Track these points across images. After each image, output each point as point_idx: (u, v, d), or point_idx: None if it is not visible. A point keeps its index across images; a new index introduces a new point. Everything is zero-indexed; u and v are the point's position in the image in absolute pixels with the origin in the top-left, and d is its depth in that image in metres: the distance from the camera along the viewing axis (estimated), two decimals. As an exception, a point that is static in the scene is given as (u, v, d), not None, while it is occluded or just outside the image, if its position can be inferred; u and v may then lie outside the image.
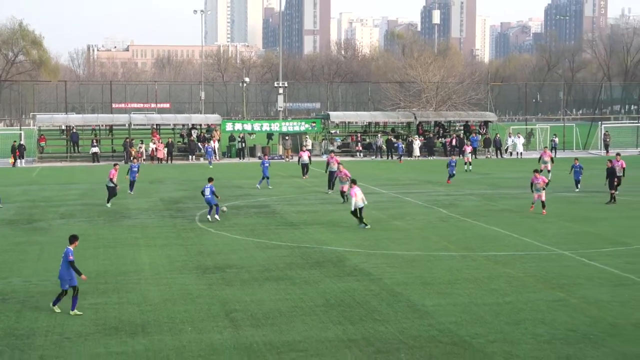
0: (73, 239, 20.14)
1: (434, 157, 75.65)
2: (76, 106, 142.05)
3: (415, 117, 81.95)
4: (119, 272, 24.01)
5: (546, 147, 65.78)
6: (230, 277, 23.50)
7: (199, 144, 75.57)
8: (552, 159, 51.14)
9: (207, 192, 34.59)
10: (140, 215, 36.96)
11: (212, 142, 74.12)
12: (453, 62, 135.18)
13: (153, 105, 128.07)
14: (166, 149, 71.71)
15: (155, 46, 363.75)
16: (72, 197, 44.72)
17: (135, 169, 45.78)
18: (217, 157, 73.47)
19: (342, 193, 40.16)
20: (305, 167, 53.76)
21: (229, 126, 78.56)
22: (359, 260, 25.79)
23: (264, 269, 24.65)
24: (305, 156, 54.11)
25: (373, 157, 76.51)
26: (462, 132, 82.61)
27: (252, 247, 28.36)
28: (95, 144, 73.40)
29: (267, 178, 47.50)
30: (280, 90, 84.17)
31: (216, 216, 34.59)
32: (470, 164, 59.28)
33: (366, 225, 32.33)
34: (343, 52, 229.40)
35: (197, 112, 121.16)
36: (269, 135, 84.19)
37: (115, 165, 41.54)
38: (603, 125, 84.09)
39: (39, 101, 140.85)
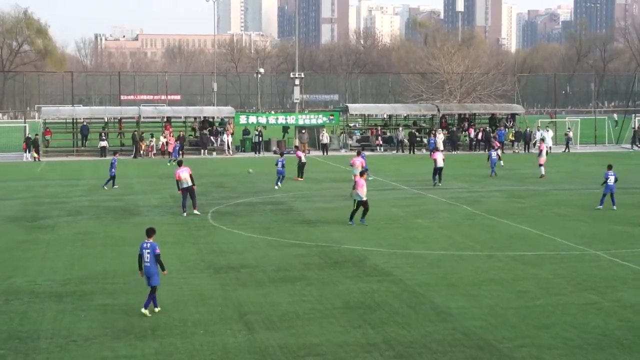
0: (151, 231, 19.94)
1: (458, 152, 75.38)
2: (83, 98, 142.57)
3: (438, 110, 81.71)
4: (128, 272, 23.93)
5: (543, 139, 65.49)
6: (244, 278, 23.47)
7: (212, 137, 75.62)
8: (541, 152, 51.88)
9: (279, 165, 44.17)
10: (150, 212, 36.99)
11: (225, 135, 74.25)
12: (478, 51, 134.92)
13: (163, 97, 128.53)
14: (177, 143, 71.55)
15: (166, 35, 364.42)
16: (78, 193, 44.82)
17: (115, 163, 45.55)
18: (231, 152, 73.58)
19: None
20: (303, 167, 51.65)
21: (242, 119, 78.41)
22: (379, 260, 25.71)
23: (279, 269, 24.60)
24: (302, 156, 51.97)
25: (394, 152, 76.40)
26: (488, 125, 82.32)
27: (266, 246, 28.32)
28: (104, 137, 73.37)
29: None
30: (297, 82, 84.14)
31: (279, 184, 44.37)
32: (500, 159, 59.21)
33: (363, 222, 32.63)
34: (362, 42, 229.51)
35: (210, 104, 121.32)
36: (285, 129, 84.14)
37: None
38: (637, 118, 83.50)
39: (44, 93, 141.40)
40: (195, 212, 35.67)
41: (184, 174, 35.85)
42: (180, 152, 68.81)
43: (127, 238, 29.93)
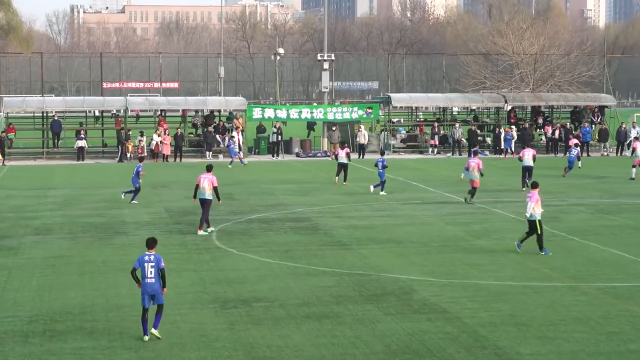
0: (153, 242, 21.59)
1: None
2: (56, 86, 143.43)
3: (505, 101, 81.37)
4: (111, 307, 24.07)
5: (637, 137, 65.36)
6: (258, 314, 23.51)
7: (217, 136, 75.70)
8: (635, 151, 51.48)
9: (380, 165, 46.92)
10: (139, 230, 37.05)
11: (234, 133, 74.25)
12: (556, 27, 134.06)
13: (156, 85, 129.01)
14: (174, 143, 71.69)
15: (160, 7, 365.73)
16: (49, 206, 44.97)
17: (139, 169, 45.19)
18: (242, 154, 73.51)
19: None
20: (342, 168, 52.50)
21: (257, 112, 78.39)
22: (430, 293, 25.69)
23: (302, 303, 24.63)
24: (343, 154, 52.76)
25: (449, 154, 76.16)
26: (569, 121, 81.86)
27: (286, 274, 28.36)
28: (82, 135, 73.31)
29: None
30: (325, 65, 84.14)
31: (382, 192, 46.76)
32: (579, 159, 59.33)
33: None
34: (409, 14, 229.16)
35: (215, 93, 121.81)
36: (311, 125, 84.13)
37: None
38: None
39: (6, 80, 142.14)
40: (200, 232, 35.73)
41: (205, 182, 35.87)
42: (179, 152, 69.35)
43: (110, 263, 30.05)
